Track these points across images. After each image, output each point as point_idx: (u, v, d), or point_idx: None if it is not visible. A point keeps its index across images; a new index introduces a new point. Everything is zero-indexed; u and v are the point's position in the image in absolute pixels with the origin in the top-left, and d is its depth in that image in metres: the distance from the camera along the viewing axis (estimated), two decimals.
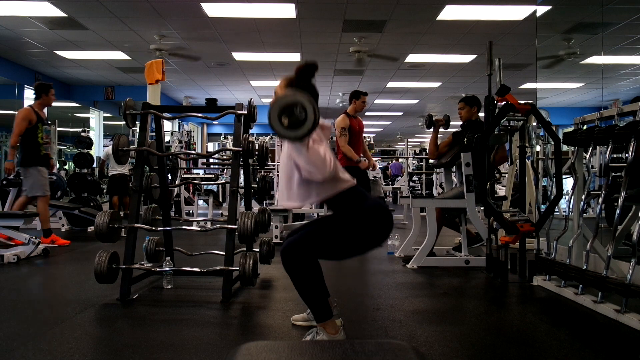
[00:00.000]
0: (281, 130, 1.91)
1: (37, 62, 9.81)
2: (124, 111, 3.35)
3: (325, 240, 2.18)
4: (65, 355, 2.17)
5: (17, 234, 4.66)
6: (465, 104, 4.69)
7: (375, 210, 2.22)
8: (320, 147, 2.05)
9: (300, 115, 1.89)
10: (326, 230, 2.21)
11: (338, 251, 2.24)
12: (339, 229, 2.19)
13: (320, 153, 2.03)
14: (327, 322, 2.22)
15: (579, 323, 2.79)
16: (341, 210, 2.22)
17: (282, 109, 1.89)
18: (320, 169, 2.03)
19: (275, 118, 1.90)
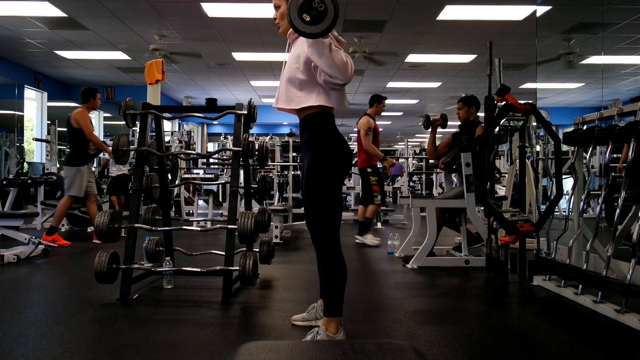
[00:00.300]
0: (305, 28, 1.87)
1: (37, 62, 9.81)
2: (124, 111, 3.35)
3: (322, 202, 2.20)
4: (65, 355, 2.17)
5: (17, 234, 4.66)
6: (463, 104, 4.70)
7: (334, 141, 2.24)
8: (340, 51, 2.04)
9: (320, 6, 1.86)
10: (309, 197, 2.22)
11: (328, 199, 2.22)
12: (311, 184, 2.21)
13: (343, 57, 2.02)
14: (334, 319, 2.23)
15: (579, 323, 2.79)
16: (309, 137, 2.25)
17: (301, 4, 1.87)
18: (343, 72, 2.01)
19: (295, 16, 1.87)
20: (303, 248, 5.42)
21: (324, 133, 2.24)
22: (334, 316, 2.23)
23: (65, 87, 11.98)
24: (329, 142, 2.24)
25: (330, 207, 2.22)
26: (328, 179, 2.21)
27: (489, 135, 3.76)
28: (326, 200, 2.21)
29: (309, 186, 2.23)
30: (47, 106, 11.04)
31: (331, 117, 2.28)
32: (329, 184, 2.22)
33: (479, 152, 3.84)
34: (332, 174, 2.23)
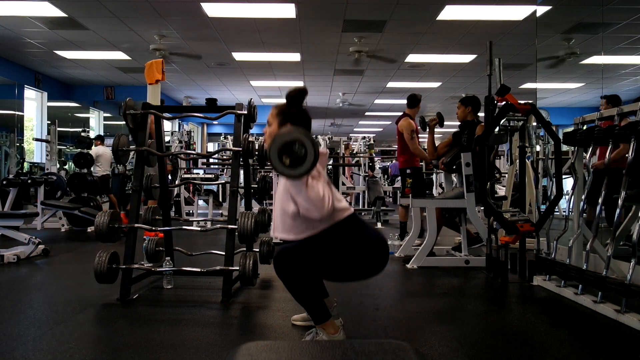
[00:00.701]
0: (284, 170, 1.90)
1: (37, 62, 9.81)
2: (124, 111, 3.35)
3: (318, 257, 2.15)
4: (65, 355, 2.17)
5: (17, 234, 4.66)
6: (461, 103, 4.72)
7: (373, 240, 2.21)
8: (319, 183, 2.04)
9: (300, 151, 1.88)
10: (321, 248, 2.17)
11: (329, 272, 2.21)
12: (334, 250, 2.16)
13: (320, 192, 2.01)
14: (325, 323, 2.21)
15: (579, 323, 2.79)
16: (339, 237, 2.20)
17: (281, 148, 1.88)
18: (319, 207, 2.01)
19: (275, 158, 1.89)
20: None
21: (352, 239, 2.19)
22: (323, 322, 2.21)
23: (65, 87, 11.98)
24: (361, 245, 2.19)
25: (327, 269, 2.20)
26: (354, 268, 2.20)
27: (489, 135, 3.76)
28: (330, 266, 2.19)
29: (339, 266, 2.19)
30: (47, 106, 11.04)
31: (347, 220, 2.20)
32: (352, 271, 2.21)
33: (479, 152, 3.84)
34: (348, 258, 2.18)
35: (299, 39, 8.03)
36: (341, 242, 2.17)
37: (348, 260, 2.16)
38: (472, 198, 4.19)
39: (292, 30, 7.55)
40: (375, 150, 12.77)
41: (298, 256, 2.12)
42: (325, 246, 2.17)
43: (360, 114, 16.38)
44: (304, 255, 2.12)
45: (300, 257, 2.12)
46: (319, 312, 2.20)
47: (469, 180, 4.18)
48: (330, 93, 12.73)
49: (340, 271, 2.20)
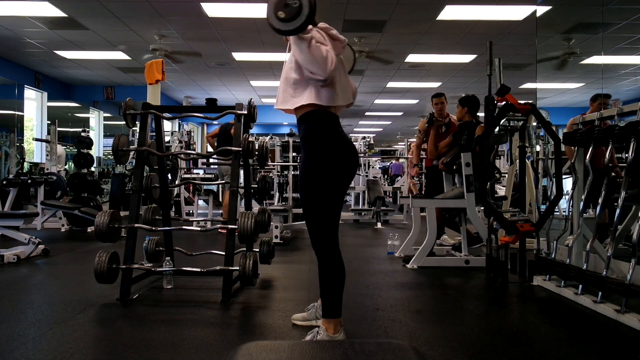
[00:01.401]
0: (277, 24, 1.90)
1: (37, 62, 9.81)
2: (124, 111, 3.35)
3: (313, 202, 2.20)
4: (65, 355, 2.17)
5: (17, 234, 4.66)
6: (459, 103, 4.75)
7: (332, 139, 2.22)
8: (323, 46, 2.03)
9: (294, 3, 1.86)
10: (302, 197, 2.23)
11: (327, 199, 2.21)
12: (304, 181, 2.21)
13: (323, 51, 2.00)
14: (332, 320, 2.22)
15: (579, 323, 2.79)
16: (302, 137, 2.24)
17: (276, 2, 1.88)
18: (321, 65, 2.00)
19: (271, 13, 1.89)
20: (303, 248, 5.41)
21: (318, 132, 2.21)
22: (332, 317, 2.22)
23: (65, 87, 11.98)
24: (323, 141, 2.21)
25: (324, 208, 2.21)
26: (321, 180, 2.19)
27: (489, 135, 3.76)
28: (319, 201, 2.20)
29: (302, 186, 2.23)
30: (47, 106, 11.04)
31: (327, 115, 2.23)
32: (322, 185, 2.19)
33: (479, 152, 3.84)
34: (327, 174, 2.20)
35: None
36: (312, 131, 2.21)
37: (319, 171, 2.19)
38: (472, 198, 4.19)
39: None
40: (375, 150, 12.77)
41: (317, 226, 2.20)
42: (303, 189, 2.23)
43: (360, 114, 16.39)
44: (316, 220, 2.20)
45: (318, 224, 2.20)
46: (335, 305, 2.22)
47: (469, 180, 4.18)
48: None
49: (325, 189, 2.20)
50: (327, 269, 2.21)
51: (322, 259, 2.22)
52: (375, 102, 13.96)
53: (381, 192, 8.38)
